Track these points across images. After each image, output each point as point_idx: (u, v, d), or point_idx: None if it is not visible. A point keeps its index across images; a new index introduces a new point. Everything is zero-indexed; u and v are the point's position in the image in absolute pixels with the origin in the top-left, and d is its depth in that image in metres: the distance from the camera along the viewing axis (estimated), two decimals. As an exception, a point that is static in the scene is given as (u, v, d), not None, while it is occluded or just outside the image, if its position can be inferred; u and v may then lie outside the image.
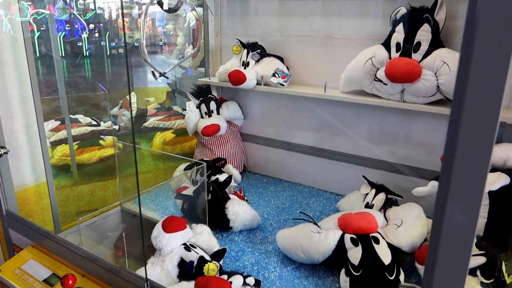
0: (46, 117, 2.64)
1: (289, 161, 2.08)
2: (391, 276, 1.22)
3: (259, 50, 1.86)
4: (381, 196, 1.59)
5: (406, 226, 1.37)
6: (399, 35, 1.48)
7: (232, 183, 1.97)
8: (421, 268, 1.25)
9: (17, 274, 1.15)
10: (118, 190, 1.75)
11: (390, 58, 1.50)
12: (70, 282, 1.02)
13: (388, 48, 1.52)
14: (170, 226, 1.31)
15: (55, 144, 2.28)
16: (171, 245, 1.29)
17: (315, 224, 1.45)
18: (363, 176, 1.68)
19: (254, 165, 2.24)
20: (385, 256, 1.26)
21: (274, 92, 1.88)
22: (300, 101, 1.92)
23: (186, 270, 1.24)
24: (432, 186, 1.40)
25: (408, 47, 1.46)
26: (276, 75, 1.81)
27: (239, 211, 1.60)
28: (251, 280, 1.23)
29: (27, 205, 1.52)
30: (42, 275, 1.13)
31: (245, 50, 1.87)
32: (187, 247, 1.31)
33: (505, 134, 1.44)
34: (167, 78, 2.09)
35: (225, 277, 1.18)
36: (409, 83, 1.45)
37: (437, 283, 0.50)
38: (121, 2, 3.66)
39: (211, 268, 1.21)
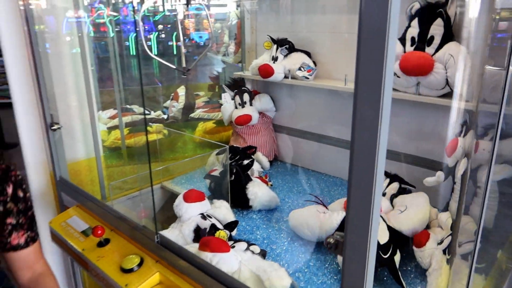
0: (107, 106, 2.99)
1: (317, 152, 2.18)
2: (384, 255, 1.30)
3: (287, 46, 1.99)
4: (395, 185, 1.65)
5: (409, 212, 1.42)
6: (413, 29, 1.54)
7: (259, 169, 2.13)
8: (416, 251, 1.31)
9: (62, 226, 1.41)
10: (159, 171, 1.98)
11: (405, 52, 1.56)
12: (99, 232, 1.24)
13: (403, 43, 1.58)
14: (190, 197, 1.49)
15: (111, 129, 2.59)
16: (189, 213, 1.47)
17: (324, 205, 1.56)
18: (379, 166, 1.74)
19: (285, 155, 2.36)
20: (382, 237, 1.33)
21: (302, 86, 2.00)
22: (326, 95, 2.02)
23: (200, 234, 1.41)
24: (438, 176, 1.44)
25: (422, 41, 1.51)
26: (302, 69, 1.93)
27: (258, 192, 1.75)
28: (255, 248, 1.37)
29: (79, 176, 1.79)
30: (81, 227, 1.38)
31: (275, 45, 2.01)
32: (204, 217, 1.48)
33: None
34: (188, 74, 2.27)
35: (230, 243, 1.34)
36: (422, 76, 1.50)
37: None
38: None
39: (221, 235, 1.37)
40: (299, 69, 1.93)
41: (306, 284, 1.31)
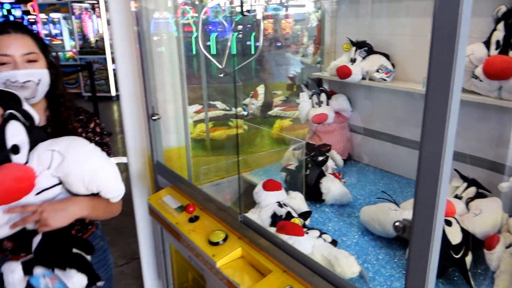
0: (193, 101, 3.27)
1: (391, 153, 2.21)
2: (456, 255, 1.33)
3: (366, 48, 2.05)
4: (472, 190, 1.65)
5: (483, 216, 1.43)
6: (499, 33, 1.53)
7: (333, 166, 2.21)
8: (486, 253, 1.33)
9: (159, 203, 1.64)
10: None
11: (489, 55, 1.55)
12: (191, 209, 1.44)
13: (488, 46, 1.57)
14: (268, 185, 1.64)
15: (196, 122, 2.85)
16: (267, 201, 1.62)
17: (395, 204, 1.61)
18: (455, 170, 1.75)
19: (359, 154, 2.42)
20: (454, 238, 1.36)
21: (379, 87, 2.05)
22: (403, 96, 2.04)
23: (276, 220, 1.55)
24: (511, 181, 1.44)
25: (507, 45, 1.49)
26: (379, 70, 1.98)
27: (331, 187, 1.85)
28: (327, 237, 1.48)
29: (170, 162, 2.03)
30: (174, 205, 1.59)
31: (354, 47, 2.09)
32: (280, 205, 1.62)
33: None
34: (226, 75, 2.38)
35: (304, 230, 1.45)
36: (504, 80, 1.49)
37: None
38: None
39: (296, 222, 1.50)
40: (377, 71, 1.99)
41: (375, 275, 1.38)
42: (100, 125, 1.36)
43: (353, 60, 2.09)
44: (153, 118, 1.81)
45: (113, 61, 8.88)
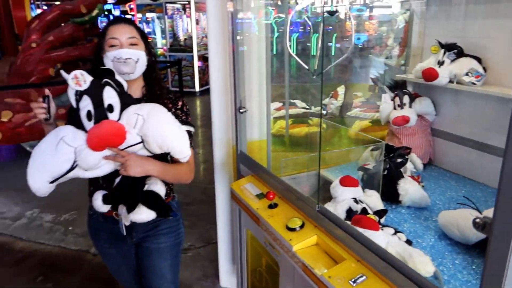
0: (274, 99, 3.39)
1: (478, 161, 2.13)
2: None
3: (455, 50, 2.00)
4: None
5: None
6: None
7: (412, 169, 2.19)
8: None
9: (240, 189, 1.77)
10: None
11: None
12: (271, 196, 1.54)
13: None
14: (346, 181, 1.69)
15: (276, 119, 2.97)
16: (343, 196, 1.67)
17: (478, 210, 1.57)
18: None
19: (441, 160, 2.35)
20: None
21: (467, 91, 1.98)
22: (494, 102, 1.96)
23: (352, 215, 1.60)
24: None
25: None
26: (469, 74, 1.92)
27: (409, 189, 1.84)
28: (402, 236, 1.50)
29: (252, 153, 2.16)
30: (255, 192, 1.72)
31: (443, 50, 2.04)
32: (356, 201, 1.67)
33: None
34: (318, 75, 2.41)
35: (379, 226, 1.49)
36: None
37: None
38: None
39: (371, 218, 1.54)
40: (466, 74, 1.93)
41: (450, 278, 1.38)
42: (186, 105, 1.59)
43: (440, 63, 2.04)
44: (240, 111, 1.95)
45: (199, 59, 9.39)
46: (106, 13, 15.30)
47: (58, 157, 1.29)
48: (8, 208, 3.90)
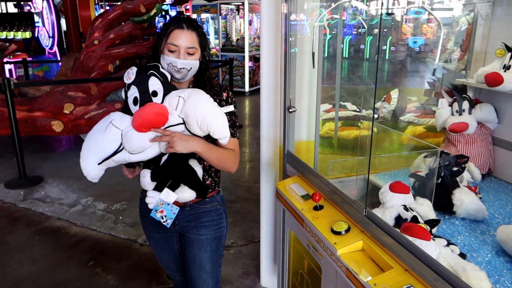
0: (324, 100, 3.34)
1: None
2: None
3: (524, 54, 1.86)
4: None
5: None
6: None
7: (469, 179, 2.06)
8: None
9: (286, 189, 1.75)
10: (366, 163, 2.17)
11: None
12: (317, 197, 1.51)
13: None
14: (396, 187, 1.63)
15: (325, 120, 2.91)
16: (393, 202, 1.61)
17: (543, 227, 1.45)
18: None
19: (502, 171, 2.20)
20: None
21: (536, 98, 1.84)
22: None
23: (400, 223, 1.53)
24: None
25: None
26: (539, 80, 1.78)
27: (465, 199, 1.74)
28: (455, 249, 1.41)
29: (299, 154, 2.14)
30: (301, 192, 1.69)
31: (510, 53, 1.91)
32: (406, 208, 1.60)
33: None
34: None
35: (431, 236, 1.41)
36: None
37: None
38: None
39: (422, 227, 1.46)
40: (537, 80, 1.79)
41: (508, 297, 1.28)
42: (230, 96, 1.61)
43: (506, 67, 1.91)
44: (289, 110, 1.94)
45: (250, 59, 9.48)
46: (164, 13, 15.88)
47: (106, 138, 1.39)
48: (66, 195, 4.15)
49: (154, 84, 1.39)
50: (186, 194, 1.49)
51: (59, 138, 6.05)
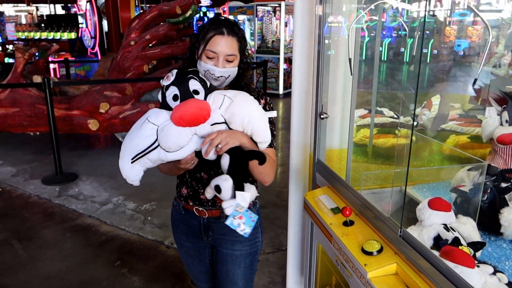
0: (359, 105, 3.19)
1: None
2: None
3: None
4: None
5: None
6: None
7: (519, 196, 1.87)
8: None
9: (315, 200, 1.65)
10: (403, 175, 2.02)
11: None
12: (347, 212, 1.40)
13: None
14: (436, 204, 1.49)
15: (360, 127, 2.77)
16: (431, 220, 1.47)
17: None
18: None
19: (557, 189, 1.99)
20: None
21: None
22: None
23: (440, 244, 1.39)
24: None
25: None
26: None
27: (514, 220, 1.57)
28: (503, 277, 1.26)
29: (330, 162, 2.03)
30: (330, 205, 1.58)
31: None
32: (447, 228, 1.45)
33: None
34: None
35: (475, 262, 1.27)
36: None
37: None
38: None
39: (464, 250, 1.32)
40: None
41: None
42: (268, 103, 1.52)
43: None
44: (321, 116, 1.83)
45: (285, 61, 9.38)
46: (201, 14, 16.07)
47: (141, 134, 1.32)
48: (98, 193, 4.21)
49: (195, 85, 1.33)
50: (252, 190, 1.34)
51: (95, 136, 6.20)
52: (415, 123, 3.02)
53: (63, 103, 4.98)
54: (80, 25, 11.44)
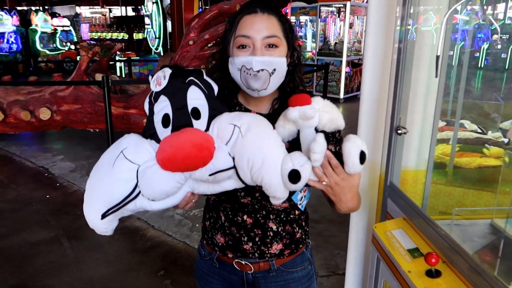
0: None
1: None
2: None
3: None
4: None
5: None
6: None
7: None
8: None
9: (387, 235, 1.33)
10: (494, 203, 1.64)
11: None
12: (433, 260, 1.07)
13: None
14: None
15: (438, 142, 2.38)
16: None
17: None
18: None
19: None
20: None
21: None
22: None
23: None
24: None
25: None
26: None
27: None
28: None
29: (404, 185, 1.69)
30: (407, 245, 1.26)
31: None
32: None
33: None
34: None
35: None
36: None
37: None
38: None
39: None
40: None
41: None
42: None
43: None
44: (398, 132, 1.51)
45: (347, 65, 8.94)
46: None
47: (115, 174, 0.94)
48: (149, 194, 4.15)
49: (195, 97, 0.95)
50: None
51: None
52: (505, 140, 2.57)
53: (121, 102, 5.00)
54: (147, 26, 11.83)
